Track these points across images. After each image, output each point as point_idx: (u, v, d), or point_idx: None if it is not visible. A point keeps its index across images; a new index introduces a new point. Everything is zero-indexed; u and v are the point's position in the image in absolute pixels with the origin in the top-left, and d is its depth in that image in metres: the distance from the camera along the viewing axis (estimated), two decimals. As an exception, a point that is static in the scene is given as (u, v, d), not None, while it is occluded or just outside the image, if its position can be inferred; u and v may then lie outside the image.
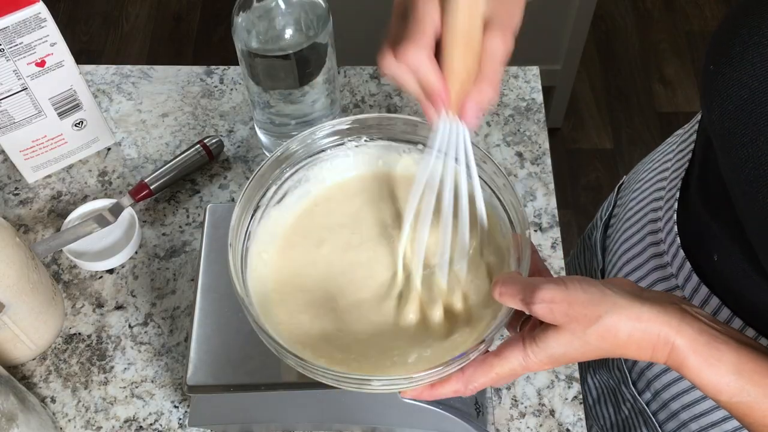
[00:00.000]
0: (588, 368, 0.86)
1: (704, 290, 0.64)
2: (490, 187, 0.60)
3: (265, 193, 0.62)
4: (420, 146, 0.63)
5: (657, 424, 0.74)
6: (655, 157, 0.79)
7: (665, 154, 0.76)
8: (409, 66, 0.49)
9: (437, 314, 0.58)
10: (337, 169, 0.65)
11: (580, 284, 0.49)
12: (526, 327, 0.54)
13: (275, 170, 0.62)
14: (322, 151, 0.63)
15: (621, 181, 0.87)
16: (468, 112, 0.52)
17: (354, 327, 0.59)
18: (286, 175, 0.63)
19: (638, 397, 0.75)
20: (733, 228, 0.58)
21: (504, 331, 0.56)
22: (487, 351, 0.53)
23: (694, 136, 0.70)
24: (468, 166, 0.55)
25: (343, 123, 0.62)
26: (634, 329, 0.48)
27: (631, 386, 0.76)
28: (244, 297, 0.56)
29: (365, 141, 0.64)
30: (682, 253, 0.67)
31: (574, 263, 0.97)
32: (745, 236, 0.55)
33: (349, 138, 0.63)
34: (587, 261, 0.92)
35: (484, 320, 0.57)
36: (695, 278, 0.65)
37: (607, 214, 0.86)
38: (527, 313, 0.51)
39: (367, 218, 0.64)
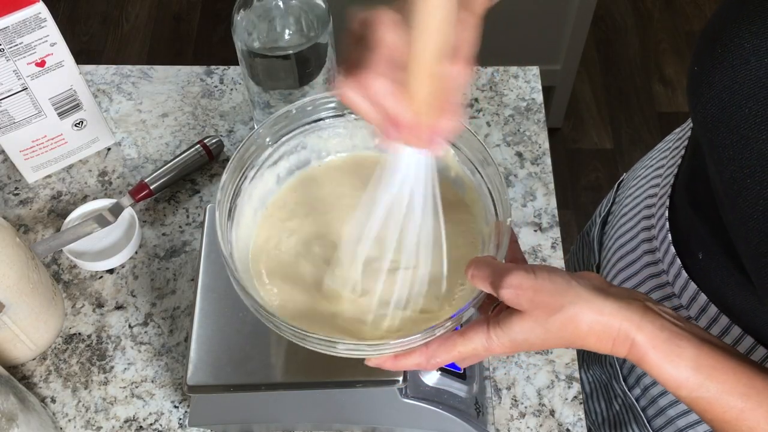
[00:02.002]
0: (582, 363, 0.87)
1: (693, 287, 0.65)
2: (480, 174, 0.61)
3: (260, 154, 0.63)
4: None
5: (646, 420, 0.74)
6: (652, 155, 0.79)
7: (662, 152, 0.76)
8: (372, 96, 0.48)
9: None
10: (334, 141, 0.66)
11: (548, 274, 0.50)
12: (493, 311, 0.55)
13: (272, 132, 0.63)
14: (321, 119, 0.64)
15: (620, 179, 0.88)
16: (437, 143, 0.51)
17: (330, 303, 0.60)
18: (284, 139, 0.64)
19: (628, 392, 0.76)
20: (717, 227, 0.58)
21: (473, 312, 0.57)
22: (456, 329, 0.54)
23: (689, 133, 0.70)
24: (434, 195, 0.54)
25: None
26: (594, 321, 0.49)
27: (622, 382, 0.77)
28: (227, 255, 0.57)
29: (354, 118, 0.64)
30: (672, 250, 0.67)
31: (572, 259, 0.98)
32: (728, 235, 0.56)
33: (349, 110, 0.63)
34: (585, 257, 0.92)
35: (458, 300, 0.58)
36: (684, 275, 0.66)
37: (606, 210, 0.86)
38: (496, 296, 0.52)
39: (351, 205, 0.64)
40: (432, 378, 0.69)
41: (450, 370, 0.70)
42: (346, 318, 0.59)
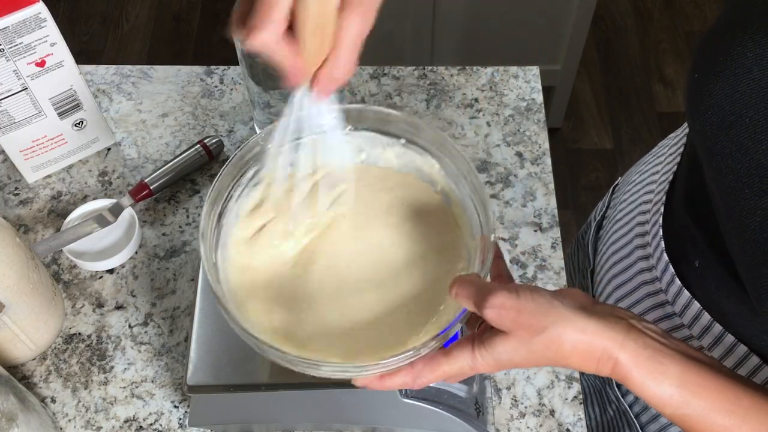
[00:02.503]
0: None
1: (686, 295, 0.65)
2: (465, 187, 0.61)
3: (245, 173, 0.62)
4: (402, 140, 0.64)
5: (639, 427, 0.74)
6: (648, 159, 0.79)
7: (657, 156, 0.76)
8: (261, 48, 0.50)
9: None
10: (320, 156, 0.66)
11: (531, 294, 0.51)
12: (479, 329, 0.55)
13: (254, 152, 0.62)
14: (299, 138, 0.63)
15: (616, 183, 0.88)
16: (319, 82, 0.53)
17: (318, 317, 0.60)
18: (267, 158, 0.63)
19: (622, 399, 0.76)
20: (714, 235, 0.58)
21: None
22: (441, 348, 0.54)
23: (685, 140, 0.70)
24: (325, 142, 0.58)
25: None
26: (578, 341, 0.49)
27: (615, 388, 0.77)
28: (213, 282, 0.57)
29: (349, 130, 0.64)
30: (665, 257, 0.67)
31: (568, 263, 0.97)
32: (725, 244, 0.56)
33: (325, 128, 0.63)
34: (580, 261, 0.92)
35: (444, 318, 0.58)
36: (678, 283, 0.66)
37: (600, 215, 0.86)
38: (479, 315, 0.52)
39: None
40: (432, 378, 0.69)
41: (450, 370, 0.70)
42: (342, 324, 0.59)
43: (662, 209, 0.69)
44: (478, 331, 0.54)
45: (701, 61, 0.55)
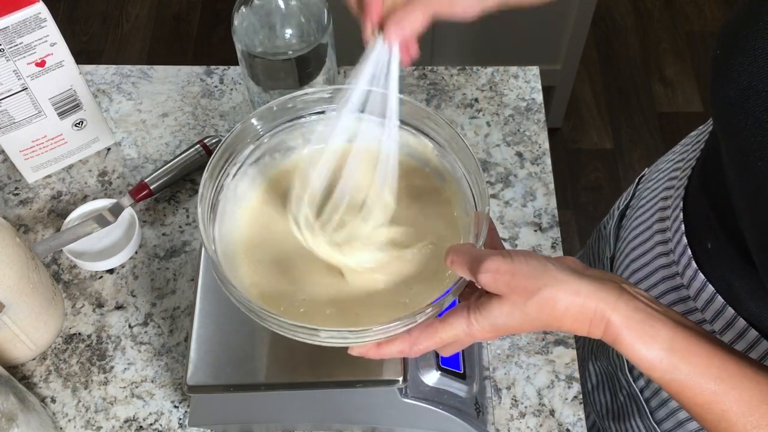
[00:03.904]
0: (590, 354, 0.87)
1: (701, 278, 0.65)
2: (458, 166, 0.62)
3: (242, 151, 0.63)
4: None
5: (649, 412, 0.75)
6: (675, 149, 0.80)
7: (684, 146, 0.77)
8: None
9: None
10: (317, 137, 0.66)
11: (525, 258, 0.51)
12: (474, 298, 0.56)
13: (254, 129, 0.63)
14: (302, 117, 0.64)
15: (642, 173, 0.88)
16: (389, 30, 0.56)
17: (311, 289, 0.61)
18: (266, 136, 0.64)
19: (633, 383, 0.76)
20: (727, 215, 0.59)
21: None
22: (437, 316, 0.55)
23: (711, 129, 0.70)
24: (390, 99, 0.59)
25: (325, 91, 0.63)
26: (571, 303, 0.50)
27: (627, 372, 0.77)
28: (210, 245, 0.57)
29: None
30: (684, 240, 0.68)
31: (588, 253, 0.98)
32: (737, 224, 0.56)
33: (331, 107, 0.64)
34: (600, 250, 0.92)
35: (440, 287, 0.59)
36: (693, 266, 0.66)
37: (625, 204, 0.87)
38: (474, 282, 0.52)
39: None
40: (432, 378, 0.69)
41: (450, 370, 0.70)
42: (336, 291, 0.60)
43: (683, 193, 0.70)
44: (472, 298, 0.54)
45: (724, 38, 0.55)
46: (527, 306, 0.50)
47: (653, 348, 0.50)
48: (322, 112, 0.65)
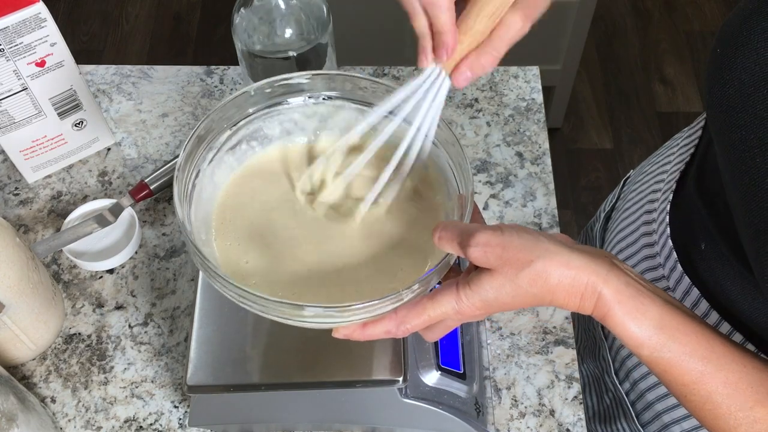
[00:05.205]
0: (578, 357, 0.87)
1: (686, 281, 0.66)
2: (445, 151, 0.61)
3: (218, 137, 0.62)
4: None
5: (634, 415, 0.75)
6: (660, 151, 0.80)
7: (670, 148, 0.77)
8: (432, 3, 0.51)
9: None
10: (292, 125, 0.65)
11: (515, 231, 0.51)
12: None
13: (231, 113, 0.62)
14: (279, 104, 0.64)
15: (627, 175, 0.88)
16: (461, 72, 0.54)
17: (293, 265, 0.60)
18: (241, 123, 0.63)
19: (618, 386, 0.77)
20: (722, 215, 0.59)
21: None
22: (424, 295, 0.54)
23: (700, 132, 0.70)
24: (431, 122, 0.57)
25: (303, 77, 0.63)
26: (563, 276, 0.49)
27: (613, 375, 0.77)
28: (185, 222, 0.57)
29: (323, 99, 0.64)
30: (670, 243, 0.68)
31: None
32: (732, 224, 0.56)
33: (309, 94, 0.63)
34: None
35: (427, 265, 0.58)
36: (679, 269, 0.66)
37: (611, 206, 0.87)
38: (464, 257, 0.51)
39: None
40: (432, 378, 0.69)
41: (450, 370, 0.70)
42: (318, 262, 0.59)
43: (671, 197, 0.69)
44: (461, 275, 0.53)
45: (724, 37, 0.55)
46: (519, 278, 0.49)
47: (643, 325, 0.49)
48: (300, 97, 0.64)
